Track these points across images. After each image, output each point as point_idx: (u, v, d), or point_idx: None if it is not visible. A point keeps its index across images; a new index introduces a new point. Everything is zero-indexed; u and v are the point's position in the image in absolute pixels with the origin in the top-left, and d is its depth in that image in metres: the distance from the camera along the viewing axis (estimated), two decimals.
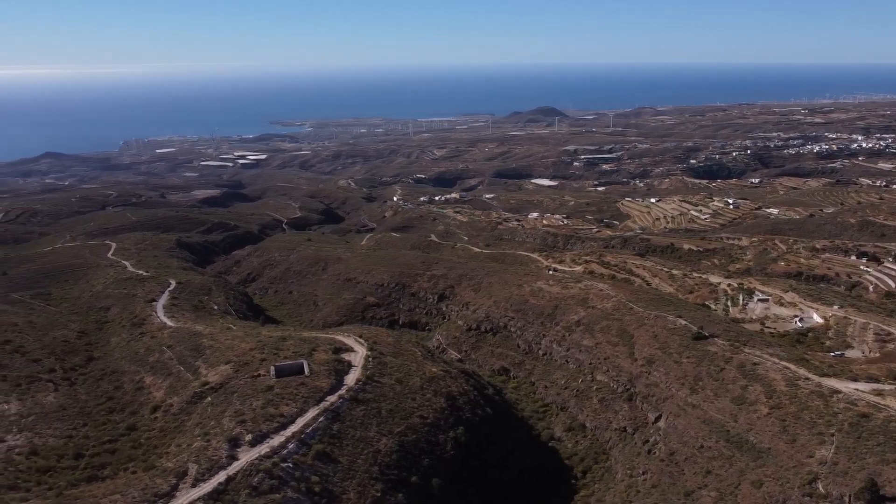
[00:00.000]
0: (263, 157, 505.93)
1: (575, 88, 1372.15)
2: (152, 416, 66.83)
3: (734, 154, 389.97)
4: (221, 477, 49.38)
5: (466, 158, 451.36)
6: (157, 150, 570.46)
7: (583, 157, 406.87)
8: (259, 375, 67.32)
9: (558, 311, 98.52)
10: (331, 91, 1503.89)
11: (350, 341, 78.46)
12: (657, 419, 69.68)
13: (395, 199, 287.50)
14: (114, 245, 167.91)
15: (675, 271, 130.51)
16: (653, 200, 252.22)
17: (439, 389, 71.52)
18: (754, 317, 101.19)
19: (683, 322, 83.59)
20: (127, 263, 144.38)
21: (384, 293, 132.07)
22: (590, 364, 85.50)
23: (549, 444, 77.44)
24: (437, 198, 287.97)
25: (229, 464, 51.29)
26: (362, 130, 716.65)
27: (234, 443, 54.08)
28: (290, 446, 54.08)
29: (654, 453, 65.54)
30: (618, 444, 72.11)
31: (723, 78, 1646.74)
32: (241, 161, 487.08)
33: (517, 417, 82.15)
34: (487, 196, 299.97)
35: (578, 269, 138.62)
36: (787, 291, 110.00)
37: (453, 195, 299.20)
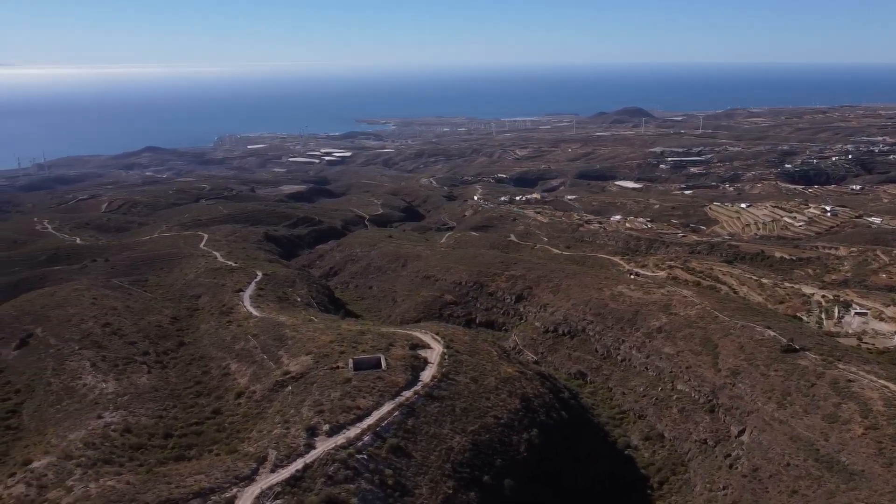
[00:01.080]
0: (348, 154, 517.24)
1: (663, 89, 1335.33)
2: (236, 402, 69.53)
3: (834, 159, 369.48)
4: (299, 464, 50.85)
5: (549, 159, 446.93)
6: (249, 147, 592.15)
7: (669, 159, 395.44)
8: (338, 367, 68.94)
9: (639, 317, 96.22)
10: (416, 90, 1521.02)
11: (427, 338, 79.14)
12: (740, 433, 67.01)
13: (475, 198, 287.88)
14: (206, 236, 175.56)
15: (764, 280, 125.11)
16: (743, 205, 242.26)
17: (514, 390, 71.14)
18: (850, 331, 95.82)
19: (772, 333, 80.00)
20: (217, 254, 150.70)
21: (462, 292, 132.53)
22: (670, 372, 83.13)
23: (626, 452, 75.82)
24: (517, 198, 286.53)
25: (307, 452, 52.77)
26: (445, 129, 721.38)
27: (312, 432, 55.58)
28: (366, 438, 55.09)
29: (736, 468, 63.06)
30: (697, 457, 69.81)
31: (823, 78, 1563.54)
32: (326, 158, 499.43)
33: (593, 423, 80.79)
34: (569, 197, 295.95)
35: (661, 274, 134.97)
36: (889, 306, 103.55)
37: (534, 195, 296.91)
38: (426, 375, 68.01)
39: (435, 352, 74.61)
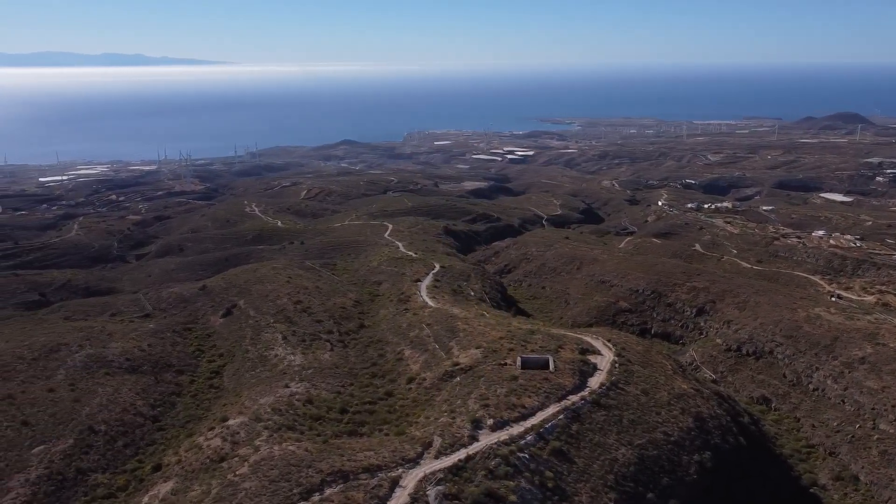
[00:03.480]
0: (531, 153, 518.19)
1: (886, 90, 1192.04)
2: (407, 387, 72.46)
3: None
4: (462, 454, 51.90)
5: (744, 166, 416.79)
6: (435, 143, 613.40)
7: (889, 171, 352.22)
8: (505, 364, 69.42)
9: (838, 344, 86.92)
10: (602, 89, 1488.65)
11: (598, 344, 77.25)
12: None
13: (659, 203, 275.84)
14: (390, 227, 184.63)
15: None
16: None
17: (688, 408, 67.33)
18: None
19: None
20: (399, 244, 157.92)
21: (638, 300, 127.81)
22: (872, 409, 74.24)
23: (811, 491, 68.93)
24: (706, 205, 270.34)
25: (470, 443, 53.72)
26: (632, 131, 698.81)
27: (477, 424, 56.47)
28: (528, 438, 54.96)
29: None
30: None
31: None
32: (508, 156, 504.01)
33: (774, 454, 74.37)
34: (765, 208, 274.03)
35: (869, 299, 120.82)
36: None
37: (725, 204, 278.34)
38: (594, 382, 66.41)
39: (605, 359, 72.64)
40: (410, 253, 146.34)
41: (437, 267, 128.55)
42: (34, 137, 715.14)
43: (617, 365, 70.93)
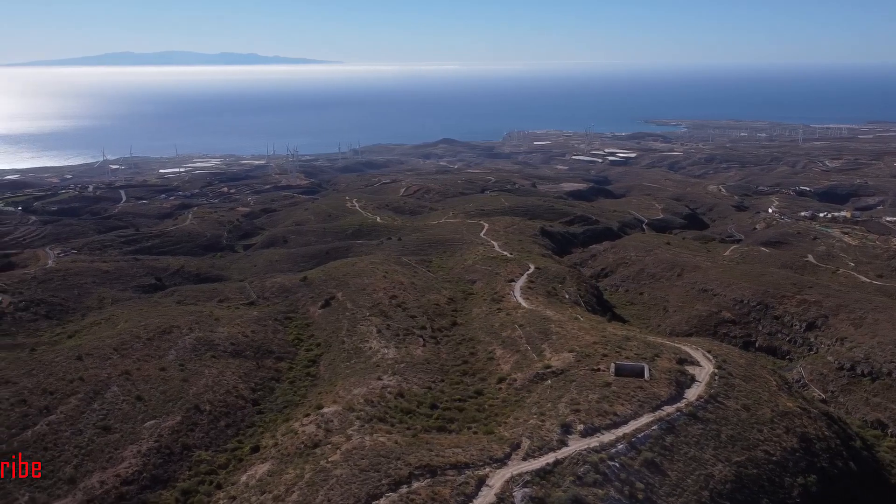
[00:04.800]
0: (633, 155, 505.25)
1: None
2: (497, 386, 72.33)
3: None
4: (550, 458, 51.29)
5: (866, 173, 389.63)
6: (535, 143, 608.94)
7: None
8: (598, 370, 68.04)
9: None
10: (711, 90, 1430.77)
11: (697, 354, 74.36)
12: None
13: (769, 210, 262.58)
14: (486, 226, 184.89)
15: None
16: None
17: (792, 427, 63.63)
18: None
19: None
20: (495, 244, 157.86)
21: (742, 311, 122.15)
22: None
23: None
24: (821, 214, 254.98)
25: (559, 448, 53.01)
26: (742, 134, 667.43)
27: (566, 429, 55.66)
28: (620, 446, 53.62)
29: None
30: None
31: None
32: (609, 158, 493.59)
33: (889, 483, 69.14)
34: (889, 219, 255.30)
35: None
36: None
37: (843, 213, 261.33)
38: (692, 394, 63.96)
39: (704, 370, 69.81)
40: (505, 253, 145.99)
41: (532, 268, 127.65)
42: (156, 131, 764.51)
43: (717, 377, 68.00)
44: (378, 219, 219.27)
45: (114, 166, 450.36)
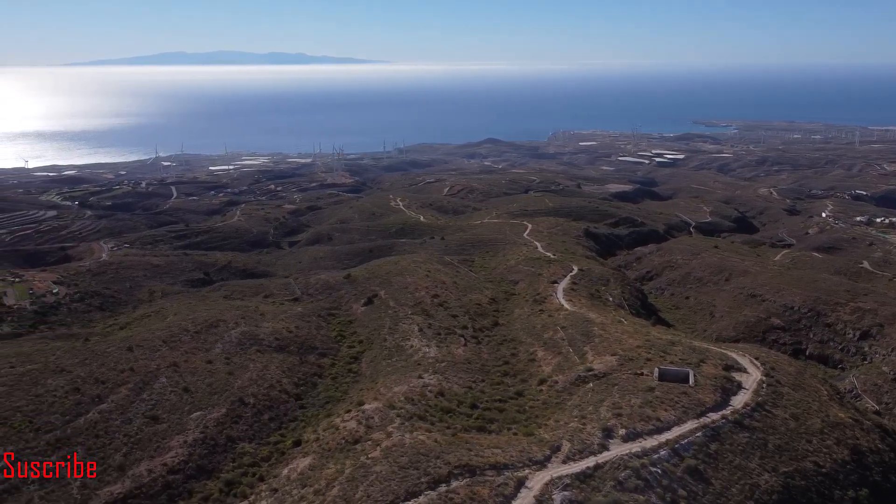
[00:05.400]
0: (681, 156, 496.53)
1: None
2: (538, 388, 71.89)
3: None
4: (590, 462, 50.75)
5: None
6: (580, 143, 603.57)
7: None
8: (642, 374, 67.05)
9: None
10: (763, 91, 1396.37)
11: (744, 361, 72.64)
12: None
13: (823, 214, 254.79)
14: (529, 226, 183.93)
15: None
16: None
17: (843, 438, 61.67)
18: None
19: None
20: (538, 244, 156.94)
21: (792, 317, 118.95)
22: None
23: None
24: (878, 219, 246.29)
25: (600, 452, 52.41)
26: (796, 136, 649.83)
27: (608, 433, 54.99)
28: (662, 452, 52.74)
29: None
30: None
31: None
32: (657, 159, 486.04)
33: None
34: None
35: None
36: None
37: None
38: (738, 401, 62.50)
39: (752, 378, 68.15)
40: (549, 254, 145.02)
41: (576, 269, 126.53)
42: (207, 129, 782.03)
43: (764, 385, 66.34)
44: (421, 218, 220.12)
45: (166, 163, 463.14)
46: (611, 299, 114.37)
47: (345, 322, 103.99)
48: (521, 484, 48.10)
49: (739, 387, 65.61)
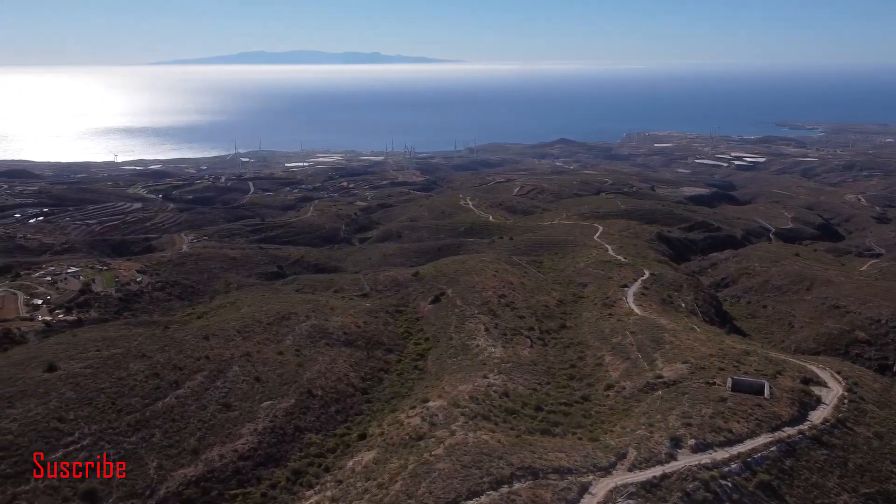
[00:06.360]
0: (762, 160, 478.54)
1: None
2: (605, 393, 70.67)
3: None
4: (657, 471, 49.56)
5: None
6: (655, 145, 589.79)
7: None
8: (714, 384, 64.97)
9: None
10: (855, 92, 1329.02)
11: (824, 375, 69.42)
12: None
13: None
14: (600, 228, 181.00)
15: None
16: None
17: None
18: None
19: None
20: (608, 247, 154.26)
21: (879, 331, 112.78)
22: None
23: None
24: None
25: (667, 461, 51.12)
26: (888, 140, 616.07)
27: (676, 443, 53.57)
28: (733, 466, 50.99)
29: None
30: None
31: None
32: (735, 162, 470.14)
33: None
34: None
35: None
36: None
37: None
38: (816, 416, 59.79)
39: (832, 393, 65.06)
40: (619, 257, 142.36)
41: (647, 274, 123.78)
42: (283, 127, 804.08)
43: (846, 401, 63.22)
44: (490, 217, 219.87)
45: (244, 159, 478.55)
46: (683, 305, 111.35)
47: (412, 319, 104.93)
48: (584, 489, 47.44)
49: (819, 401, 62.75)
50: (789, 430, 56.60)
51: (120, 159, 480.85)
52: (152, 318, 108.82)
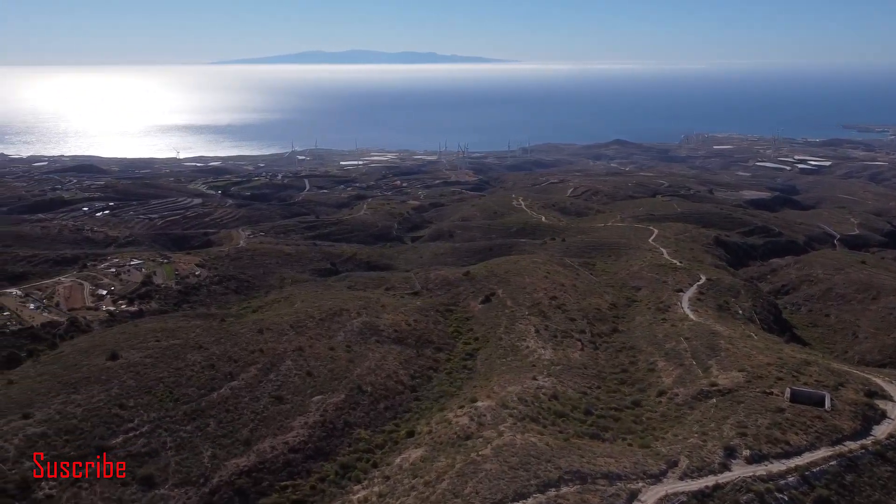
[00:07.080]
0: (827, 163, 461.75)
1: None
2: (657, 399, 69.38)
3: None
4: (710, 481, 48.40)
5: None
6: (715, 147, 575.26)
7: None
8: (771, 393, 63.06)
9: None
10: None
11: (890, 388, 66.54)
12: None
13: None
14: (655, 231, 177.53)
15: None
16: None
17: None
18: None
19: None
20: (664, 251, 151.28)
21: None
22: None
23: None
24: None
25: (720, 472, 49.88)
26: None
27: (730, 453, 52.21)
28: (790, 479, 49.39)
29: None
30: None
31: None
32: (799, 165, 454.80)
33: None
34: None
35: None
36: None
37: None
38: (881, 431, 57.39)
39: None
40: (675, 261, 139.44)
41: (703, 279, 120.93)
42: (339, 126, 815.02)
43: None
44: (543, 218, 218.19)
45: (300, 157, 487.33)
46: (741, 312, 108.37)
47: (462, 318, 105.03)
48: (633, 496, 46.70)
49: (884, 416, 60.22)
50: (851, 445, 54.53)
51: (182, 156, 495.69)
52: (209, 310, 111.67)
